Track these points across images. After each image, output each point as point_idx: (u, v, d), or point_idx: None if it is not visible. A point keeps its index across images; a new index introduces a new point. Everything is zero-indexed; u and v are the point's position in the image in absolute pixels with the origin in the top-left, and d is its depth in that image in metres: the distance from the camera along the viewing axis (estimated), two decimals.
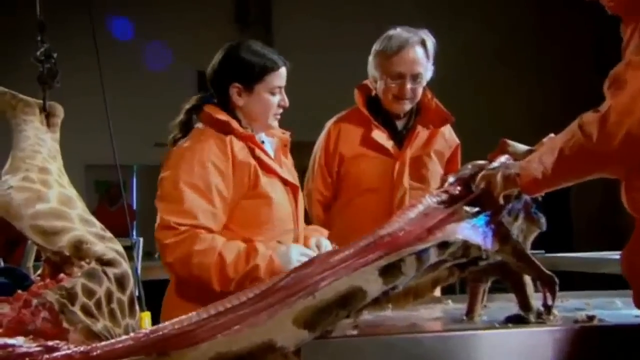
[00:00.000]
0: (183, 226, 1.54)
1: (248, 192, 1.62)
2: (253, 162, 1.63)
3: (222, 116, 1.64)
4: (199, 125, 1.68)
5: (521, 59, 6.52)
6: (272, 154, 1.72)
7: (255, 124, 1.69)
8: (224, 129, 1.63)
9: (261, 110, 1.66)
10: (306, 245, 1.72)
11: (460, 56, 6.12)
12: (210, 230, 1.57)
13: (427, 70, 1.96)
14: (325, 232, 1.81)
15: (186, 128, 1.69)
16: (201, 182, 1.57)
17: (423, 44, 1.94)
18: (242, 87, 1.64)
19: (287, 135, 1.78)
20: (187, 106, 1.71)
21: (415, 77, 1.94)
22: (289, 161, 1.77)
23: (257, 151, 1.65)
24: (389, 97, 1.97)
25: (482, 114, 6.09)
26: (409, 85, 1.93)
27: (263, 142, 1.72)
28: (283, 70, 1.67)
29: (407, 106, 1.98)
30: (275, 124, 1.71)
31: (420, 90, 1.97)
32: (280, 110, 1.70)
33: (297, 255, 1.57)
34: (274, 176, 1.66)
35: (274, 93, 1.66)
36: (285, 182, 1.69)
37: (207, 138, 1.62)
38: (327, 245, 1.71)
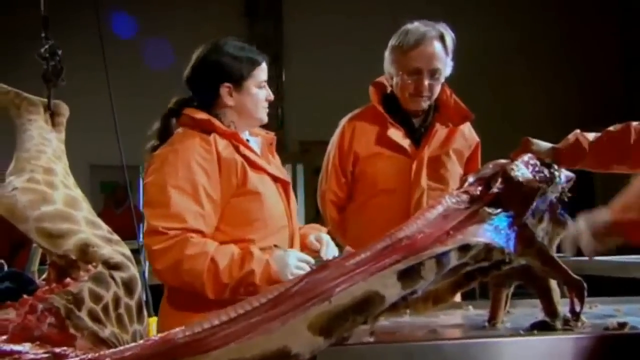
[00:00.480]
0: (172, 230, 1.50)
1: (237, 190, 1.59)
2: (239, 159, 1.60)
3: (203, 115, 1.62)
4: (179, 130, 1.65)
5: (541, 54, 6.45)
6: (258, 152, 1.70)
7: (247, 120, 1.68)
8: (206, 128, 1.61)
9: (253, 105, 1.66)
10: (304, 242, 1.69)
11: (478, 52, 6.05)
12: (201, 233, 1.53)
13: (445, 66, 1.90)
14: (324, 228, 1.78)
15: (164, 135, 1.67)
16: (187, 183, 1.53)
17: (441, 38, 1.89)
18: (232, 86, 1.63)
19: (271, 134, 1.76)
20: (165, 112, 1.70)
21: (433, 73, 1.88)
22: (276, 160, 1.74)
23: (242, 148, 1.62)
24: (405, 94, 1.92)
25: (501, 112, 6.03)
26: (426, 82, 1.88)
27: (248, 140, 1.70)
28: (265, 65, 1.68)
29: (425, 103, 1.93)
30: (266, 118, 1.68)
31: (438, 87, 1.92)
32: (266, 104, 1.68)
33: (295, 260, 1.53)
34: (262, 172, 1.64)
35: (261, 87, 1.67)
36: (274, 178, 1.66)
37: (189, 138, 1.59)
38: (327, 240, 1.69)
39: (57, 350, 1.05)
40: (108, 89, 1.69)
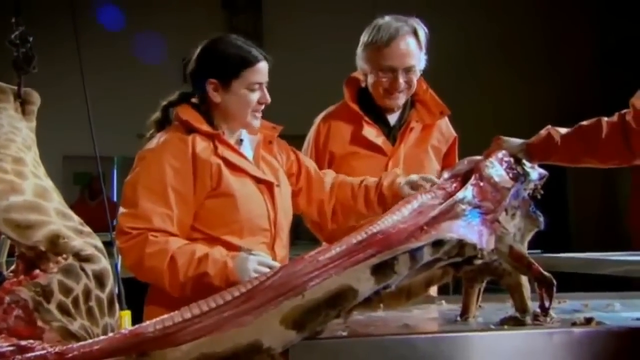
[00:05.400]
0: (135, 230, 1.51)
1: (211, 191, 1.57)
2: (216, 160, 1.58)
3: (185, 115, 1.60)
4: (175, 123, 1.63)
5: (524, 51, 6.51)
6: (250, 152, 1.66)
7: (233, 123, 1.63)
8: (188, 128, 1.59)
9: (238, 107, 1.60)
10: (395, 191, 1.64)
11: (462, 48, 6.08)
12: (167, 233, 1.52)
13: (420, 61, 1.88)
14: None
15: (162, 125, 1.64)
16: (157, 184, 1.53)
17: (415, 33, 1.86)
18: (218, 83, 1.59)
19: (276, 130, 1.70)
20: (164, 103, 1.66)
21: (408, 70, 1.86)
22: (273, 158, 1.69)
23: (222, 149, 1.59)
24: (380, 91, 1.89)
25: (485, 108, 6.07)
26: (401, 79, 1.85)
27: (242, 140, 1.67)
28: (262, 65, 1.61)
29: (401, 100, 1.90)
30: (257, 122, 1.64)
31: (414, 82, 1.89)
32: (261, 107, 1.64)
33: (254, 264, 1.50)
34: (242, 174, 1.60)
35: (253, 89, 1.60)
36: (258, 180, 1.62)
37: (168, 139, 1.58)
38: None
39: (23, 343, 1.03)
40: (82, 79, 1.66)
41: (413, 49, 1.86)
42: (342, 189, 1.74)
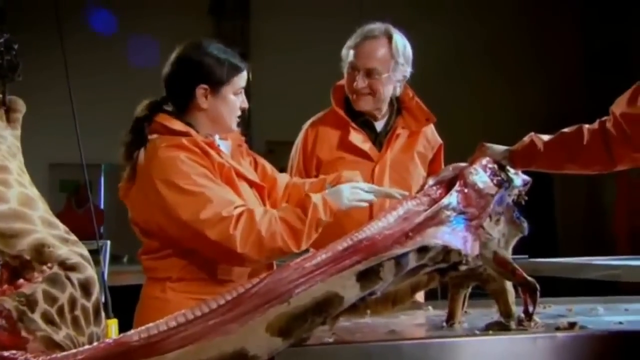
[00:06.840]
0: (237, 208, 1.48)
1: None
2: (227, 164, 1.58)
3: (179, 126, 1.58)
4: (154, 136, 1.59)
5: (512, 55, 6.56)
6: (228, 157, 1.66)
7: (217, 127, 1.64)
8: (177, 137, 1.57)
9: (226, 112, 1.62)
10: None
11: (451, 53, 6.12)
12: (247, 208, 1.51)
13: (390, 68, 1.86)
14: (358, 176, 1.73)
15: (138, 140, 1.60)
16: (199, 175, 1.51)
17: (389, 39, 1.86)
18: (209, 89, 1.59)
19: (239, 135, 1.72)
20: (136, 116, 1.62)
21: (369, 72, 1.86)
22: (245, 162, 1.71)
23: (222, 155, 1.60)
24: (349, 93, 1.91)
25: (474, 111, 6.10)
26: (359, 79, 1.85)
27: (219, 145, 1.66)
28: (245, 72, 1.65)
29: (365, 102, 1.90)
30: (236, 127, 1.66)
31: (381, 88, 1.87)
32: (240, 113, 1.66)
33: (348, 189, 1.56)
34: (242, 179, 1.61)
35: (237, 94, 1.63)
36: (250, 183, 1.64)
37: (171, 147, 1.54)
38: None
39: (6, 353, 1.02)
40: (67, 86, 1.65)
41: (380, 53, 1.86)
42: (296, 188, 1.75)
